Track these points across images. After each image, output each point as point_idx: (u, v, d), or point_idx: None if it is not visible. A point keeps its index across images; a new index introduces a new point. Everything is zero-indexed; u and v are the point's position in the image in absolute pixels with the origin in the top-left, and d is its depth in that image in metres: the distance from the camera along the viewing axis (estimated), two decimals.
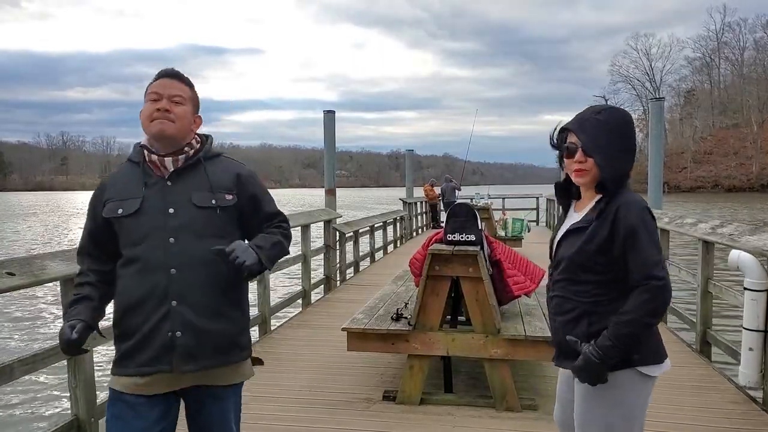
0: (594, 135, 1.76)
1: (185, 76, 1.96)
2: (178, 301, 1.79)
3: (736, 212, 35.27)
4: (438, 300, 3.70)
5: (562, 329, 1.86)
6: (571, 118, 1.87)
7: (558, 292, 1.89)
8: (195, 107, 1.96)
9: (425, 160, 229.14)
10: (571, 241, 1.84)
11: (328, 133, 8.99)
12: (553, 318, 1.92)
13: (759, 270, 3.84)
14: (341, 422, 3.49)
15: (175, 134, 1.85)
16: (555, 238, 1.96)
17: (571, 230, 1.86)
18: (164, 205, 1.82)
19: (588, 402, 1.83)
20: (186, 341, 1.80)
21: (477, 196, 16.00)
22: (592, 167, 1.78)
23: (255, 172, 2.04)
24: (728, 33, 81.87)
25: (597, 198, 1.82)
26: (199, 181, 1.87)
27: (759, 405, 3.70)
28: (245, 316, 1.99)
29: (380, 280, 7.61)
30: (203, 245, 1.80)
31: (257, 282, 5.74)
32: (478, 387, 3.95)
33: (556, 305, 1.89)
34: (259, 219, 1.99)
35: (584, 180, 1.82)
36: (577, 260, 1.80)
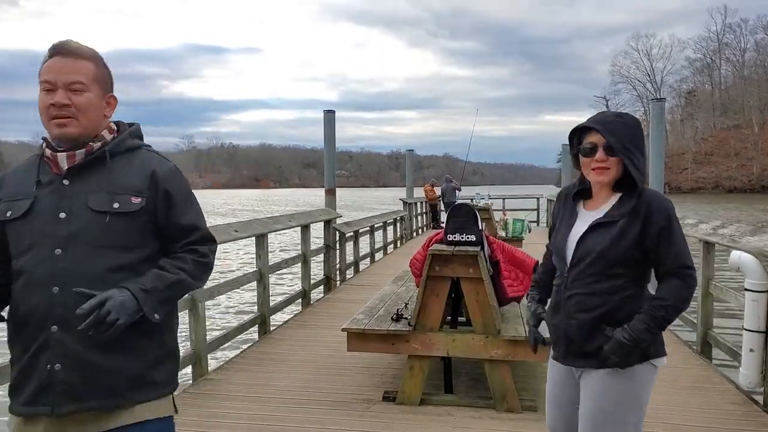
0: (621, 136, 1.82)
1: (85, 48, 1.57)
2: (59, 326, 1.46)
3: (742, 213, 35.26)
4: (438, 300, 3.69)
5: (584, 327, 1.84)
6: (591, 119, 1.90)
7: (580, 290, 1.86)
8: (104, 87, 1.59)
9: (425, 161, 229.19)
10: (599, 236, 1.84)
11: (328, 133, 8.98)
12: (572, 316, 1.87)
13: (760, 271, 3.83)
14: (341, 423, 3.48)
15: (80, 133, 1.54)
16: (568, 236, 1.92)
17: (596, 225, 1.86)
18: (56, 208, 1.51)
19: (606, 396, 1.85)
20: (66, 377, 1.47)
21: (477, 197, 15.98)
22: (614, 166, 1.84)
23: (179, 170, 1.67)
24: (729, 34, 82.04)
25: (616, 195, 1.89)
26: (100, 181, 1.55)
27: (759, 406, 3.69)
28: (163, 345, 1.60)
29: (380, 280, 7.61)
30: (98, 260, 1.49)
31: (257, 282, 5.73)
32: (478, 388, 3.94)
33: (578, 303, 1.86)
34: (171, 232, 1.60)
35: (605, 178, 1.85)
36: (610, 255, 1.81)
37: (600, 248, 1.83)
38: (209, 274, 1.66)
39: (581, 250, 1.87)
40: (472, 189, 22.61)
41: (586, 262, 1.85)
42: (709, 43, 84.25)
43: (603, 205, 1.90)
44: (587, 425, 1.89)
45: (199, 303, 4.41)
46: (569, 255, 1.90)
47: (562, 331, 1.91)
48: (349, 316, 4.11)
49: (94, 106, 1.55)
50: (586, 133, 1.89)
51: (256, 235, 5.65)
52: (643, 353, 1.82)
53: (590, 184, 1.95)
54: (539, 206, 20.96)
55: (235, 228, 5.22)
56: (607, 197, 1.91)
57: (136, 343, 1.53)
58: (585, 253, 1.86)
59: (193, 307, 4.38)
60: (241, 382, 4.20)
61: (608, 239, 1.82)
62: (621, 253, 1.81)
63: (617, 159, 1.83)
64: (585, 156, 1.87)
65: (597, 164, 1.84)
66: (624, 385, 1.83)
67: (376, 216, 12.48)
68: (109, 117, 1.63)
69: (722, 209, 39.40)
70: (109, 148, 1.56)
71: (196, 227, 1.63)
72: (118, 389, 1.51)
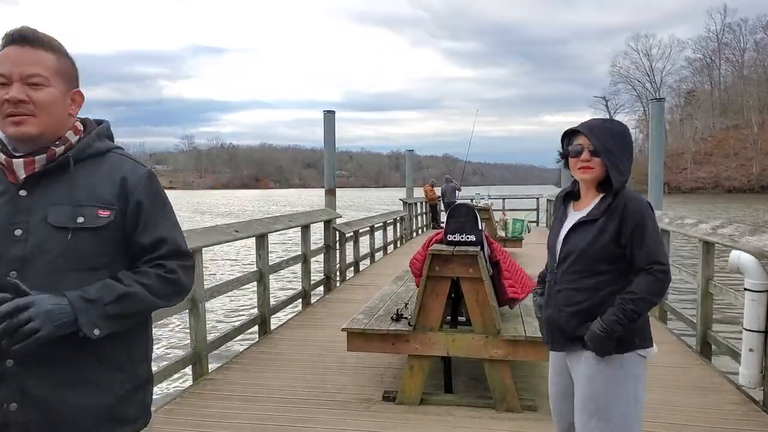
0: (603, 139, 1.99)
1: (44, 36, 1.36)
2: (15, 360, 1.27)
3: (741, 213, 35.25)
4: (438, 300, 3.70)
5: (571, 320, 2.02)
6: (581, 124, 2.07)
7: (567, 285, 2.03)
8: (68, 81, 1.39)
9: (425, 161, 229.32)
10: (581, 234, 2.01)
11: (328, 133, 8.99)
12: (561, 309, 2.04)
13: (759, 271, 3.83)
14: (341, 422, 3.48)
15: (41, 132, 1.34)
16: (559, 235, 2.10)
17: (578, 224, 2.03)
18: (10, 224, 1.31)
19: (595, 382, 2.00)
20: (23, 418, 1.28)
21: (477, 197, 15.99)
22: (597, 166, 2.00)
23: (154, 176, 1.46)
24: (729, 34, 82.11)
25: (600, 196, 2.05)
26: (63, 191, 1.34)
27: (759, 405, 3.70)
28: (135, 377, 1.43)
29: (380, 280, 7.61)
30: (61, 284, 1.28)
31: (257, 282, 5.74)
32: (478, 387, 3.95)
33: (566, 297, 2.03)
34: (138, 245, 1.40)
35: (588, 176, 2.02)
36: (590, 252, 1.98)
37: (582, 246, 1.99)
38: (181, 294, 1.43)
39: (566, 248, 2.04)
40: (472, 189, 22.63)
41: (571, 259, 2.02)
42: (709, 43, 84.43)
43: (588, 205, 2.07)
44: (579, 410, 2.04)
45: (199, 303, 4.41)
46: (558, 252, 2.08)
47: (554, 322, 2.09)
48: (349, 316, 4.12)
49: (57, 102, 1.35)
50: (575, 136, 2.07)
51: (256, 235, 5.66)
52: (628, 343, 1.97)
53: (579, 186, 2.13)
54: (539, 206, 20.96)
55: (235, 228, 5.23)
56: (593, 198, 2.07)
57: (103, 376, 1.35)
58: (569, 251, 2.03)
59: (193, 307, 4.39)
60: (242, 381, 4.20)
61: (589, 237, 1.99)
62: (600, 249, 1.97)
63: (601, 162, 1.99)
64: (573, 157, 2.05)
65: (582, 164, 2.02)
66: (611, 372, 1.97)
67: (376, 216, 12.48)
68: (75, 116, 1.42)
69: (722, 209, 39.40)
70: (73, 153, 1.36)
71: (164, 238, 1.41)
72: (83, 429, 1.34)
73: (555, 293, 2.07)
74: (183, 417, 3.59)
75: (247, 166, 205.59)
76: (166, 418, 3.56)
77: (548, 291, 2.13)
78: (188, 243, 4.29)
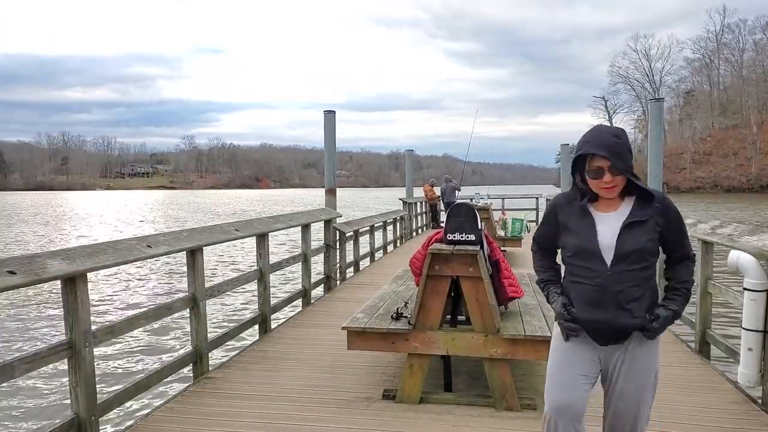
0: (623, 157, 2.11)
1: None
2: None
3: (741, 213, 35.23)
4: (438, 299, 3.71)
5: (638, 314, 2.14)
6: (592, 143, 2.14)
7: (629, 283, 2.14)
8: None
9: (425, 161, 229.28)
10: (637, 233, 2.13)
11: (328, 133, 8.99)
12: (625, 307, 2.14)
13: (758, 270, 3.84)
14: (341, 421, 3.49)
15: None
16: (599, 237, 2.17)
17: (631, 224, 2.14)
18: None
19: (656, 360, 2.25)
20: None
21: (477, 197, 16.00)
22: (620, 182, 2.14)
23: None
24: (728, 34, 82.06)
25: (632, 198, 2.19)
26: None
27: (758, 405, 3.70)
28: None
29: (380, 279, 7.62)
30: None
31: (257, 281, 5.75)
32: (477, 386, 3.96)
33: (628, 295, 2.14)
34: None
35: (614, 194, 2.16)
36: (648, 248, 2.13)
37: (640, 245, 2.12)
38: None
39: (624, 248, 2.13)
40: (471, 189, 22.63)
41: (631, 258, 2.12)
42: (708, 44, 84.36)
43: (619, 207, 2.19)
44: (635, 393, 2.22)
45: (200, 302, 4.42)
46: (608, 254, 2.14)
47: (610, 321, 2.16)
48: (349, 315, 4.12)
49: None
50: (589, 156, 2.15)
51: (256, 235, 5.67)
52: None
53: (583, 193, 2.23)
54: (538, 206, 20.97)
55: (236, 227, 5.24)
56: (622, 199, 2.20)
57: None
58: (631, 249, 2.12)
59: (194, 306, 4.40)
60: (242, 380, 4.21)
61: (645, 235, 2.13)
62: (652, 245, 2.15)
63: (622, 177, 2.12)
64: (593, 179, 2.14)
65: (605, 185, 2.13)
66: (656, 351, 2.25)
67: (376, 216, 12.49)
68: None
69: (726, 208, 39.37)
70: None
71: None
72: None
73: (613, 294, 2.13)
74: (183, 415, 3.59)
75: (247, 166, 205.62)
76: (167, 416, 3.57)
77: (594, 294, 2.16)
78: (188, 242, 4.30)
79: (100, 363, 6.78)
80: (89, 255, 3.25)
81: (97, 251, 3.37)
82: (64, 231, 29.74)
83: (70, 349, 3.07)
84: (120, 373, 7.03)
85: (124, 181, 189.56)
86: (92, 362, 3.20)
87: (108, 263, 3.38)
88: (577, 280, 2.21)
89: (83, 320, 3.11)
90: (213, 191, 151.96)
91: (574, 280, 2.22)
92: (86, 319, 3.15)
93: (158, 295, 11.88)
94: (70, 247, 3.28)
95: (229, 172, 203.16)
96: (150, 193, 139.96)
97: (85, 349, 3.13)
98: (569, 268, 2.26)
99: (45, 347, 3.01)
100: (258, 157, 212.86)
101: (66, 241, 23.90)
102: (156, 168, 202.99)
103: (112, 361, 7.46)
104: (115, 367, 7.30)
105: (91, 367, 3.19)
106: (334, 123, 9.10)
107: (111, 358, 7.57)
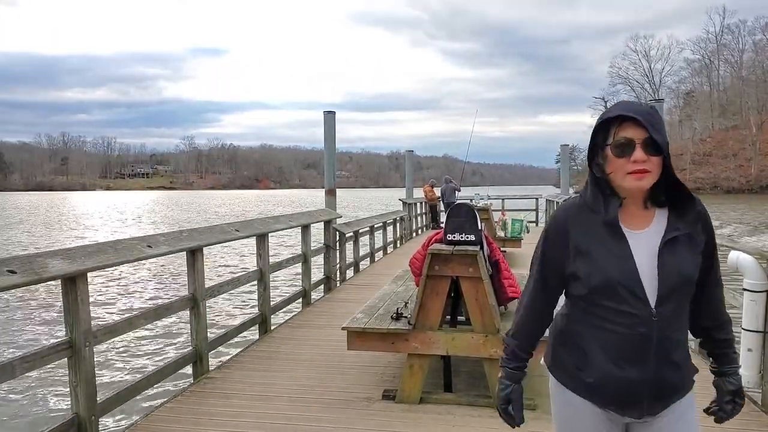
0: (661, 130, 1.44)
1: None
2: None
3: (740, 213, 35.26)
4: (438, 299, 3.71)
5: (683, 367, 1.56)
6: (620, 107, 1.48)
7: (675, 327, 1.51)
8: None
9: (425, 161, 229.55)
10: (682, 256, 1.49)
11: (328, 133, 9.01)
12: (671, 360, 1.51)
13: (758, 271, 3.85)
14: (341, 421, 3.49)
15: None
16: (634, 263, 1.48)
17: (673, 240, 1.49)
18: None
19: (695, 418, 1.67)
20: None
21: (477, 197, 16.03)
22: (656, 168, 1.44)
23: None
24: (727, 35, 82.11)
25: (663, 210, 1.53)
26: None
27: (758, 406, 3.71)
28: None
29: (380, 280, 7.62)
30: None
31: (257, 281, 5.75)
32: (477, 386, 3.96)
33: (677, 342, 1.52)
34: None
35: (646, 183, 1.45)
36: (693, 275, 1.50)
37: (689, 270, 1.49)
38: None
39: (669, 279, 1.47)
40: (471, 189, 22.66)
41: (679, 291, 1.49)
42: (708, 44, 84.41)
43: (653, 221, 1.52)
44: None
45: (200, 302, 4.42)
46: (650, 288, 1.47)
47: (651, 384, 1.51)
48: (349, 316, 4.13)
49: None
50: (615, 124, 1.46)
51: (256, 235, 5.67)
52: None
53: (606, 198, 1.51)
54: (538, 206, 20.99)
55: (236, 227, 5.24)
56: (648, 212, 1.52)
57: None
58: (675, 281, 1.47)
59: (194, 306, 4.40)
60: (242, 380, 4.22)
61: (691, 256, 1.50)
62: (697, 269, 1.51)
63: (659, 159, 1.44)
64: (618, 156, 1.44)
65: (635, 166, 1.42)
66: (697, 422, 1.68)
67: (376, 216, 12.50)
68: None
69: (731, 209, 39.39)
70: None
71: None
72: None
73: (658, 342, 1.48)
74: (183, 415, 3.60)
75: (247, 166, 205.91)
76: (167, 416, 3.57)
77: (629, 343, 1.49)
78: (189, 242, 4.31)
79: (100, 363, 6.78)
80: (89, 255, 3.25)
81: (97, 251, 3.37)
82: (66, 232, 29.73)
83: (70, 348, 3.08)
84: (120, 373, 7.03)
85: (124, 182, 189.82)
86: (92, 362, 3.21)
87: (108, 263, 3.38)
88: (602, 325, 1.51)
89: (83, 320, 3.12)
90: (213, 192, 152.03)
91: (597, 325, 1.53)
92: (86, 318, 3.15)
93: (158, 297, 11.88)
94: (71, 247, 3.29)
95: (229, 172, 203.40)
96: (149, 193, 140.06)
97: (85, 348, 3.13)
98: (586, 308, 1.54)
99: (45, 347, 3.02)
100: (258, 157, 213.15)
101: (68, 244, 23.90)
102: (156, 169, 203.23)
103: (112, 361, 7.46)
104: (115, 367, 7.30)
105: (91, 367, 3.20)
106: (334, 123, 9.12)
107: (111, 358, 7.57)
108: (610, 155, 1.46)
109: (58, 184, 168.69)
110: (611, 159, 1.46)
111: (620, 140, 1.44)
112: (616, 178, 1.47)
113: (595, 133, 1.50)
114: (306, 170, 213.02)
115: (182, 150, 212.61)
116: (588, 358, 1.54)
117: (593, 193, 1.52)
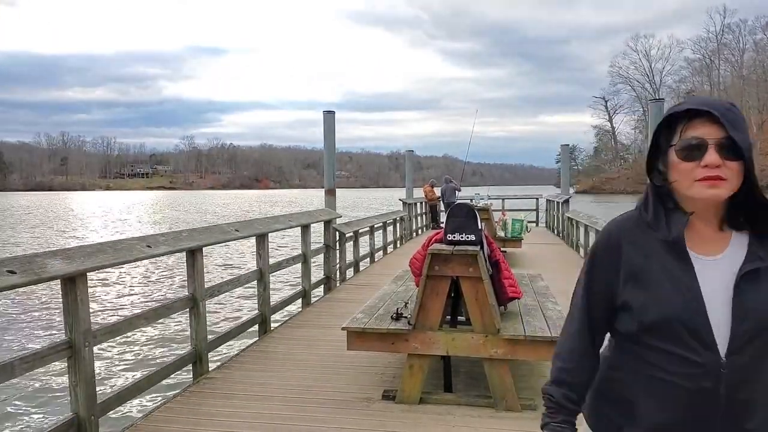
0: (744, 130, 1.17)
1: None
2: None
3: None
4: (438, 300, 3.71)
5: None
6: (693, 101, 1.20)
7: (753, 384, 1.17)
8: None
9: (425, 161, 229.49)
10: (766, 293, 1.16)
11: (328, 133, 9.00)
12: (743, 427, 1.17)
13: None
14: (341, 421, 3.49)
15: None
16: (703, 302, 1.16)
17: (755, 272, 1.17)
18: None
19: None
20: None
21: (477, 197, 16.02)
22: (734, 176, 1.15)
23: None
24: (728, 34, 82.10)
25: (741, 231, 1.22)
26: None
27: None
28: None
29: (380, 280, 7.62)
30: None
31: (257, 281, 5.75)
32: (477, 387, 3.96)
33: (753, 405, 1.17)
34: None
35: (720, 192, 1.15)
36: None
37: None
38: None
39: (747, 321, 1.15)
40: (471, 189, 22.67)
41: (759, 337, 1.16)
42: (708, 44, 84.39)
43: (730, 244, 1.21)
44: None
45: (199, 302, 4.42)
46: (721, 331, 1.16)
47: None
48: (349, 316, 4.12)
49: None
50: (683, 121, 1.19)
51: (256, 235, 5.67)
52: None
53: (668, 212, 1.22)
54: (538, 206, 20.99)
55: (236, 227, 5.24)
56: (723, 233, 1.22)
57: None
58: (754, 325, 1.15)
59: (193, 306, 4.40)
60: (242, 380, 4.21)
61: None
62: None
63: (739, 165, 1.15)
64: (686, 159, 1.16)
65: (707, 172, 1.14)
66: None
67: (376, 216, 12.49)
68: None
69: None
70: None
71: None
72: None
73: (730, 402, 1.15)
74: (183, 416, 3.60)
75: (247, 166, 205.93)
76: (166, 416, 3.57)
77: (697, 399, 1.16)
78: (188, 242, 4.31)
79: (100, 363, 6.78)
80: (89, 255, 3.25)
81: (97, 251, 3.37)
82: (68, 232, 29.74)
83: (69, 348, 3.07)
84: (120, 373, 7.03)
85: (124, 182, 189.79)
86: (92, 362, 3.21)
87: (108, 263, 3.38)
88: (654, 374, 1.21)
89: (83, 320, 3.12)
90: (212, 192, 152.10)
91: (647, 374, 1.22)
92: (86, 318, 3.15)
93: (158, 297, 11.88)
94: (70, 247, 3.29)
95: (229, 172, 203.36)
96: (149, 193, 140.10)
97: (85, 348, 3.13)
98: (634, 351, 1.25)
99: (45, 347, 3.02)
100: (258, 157, 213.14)
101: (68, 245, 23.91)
102: (155, 168, 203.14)
103: (112, 361, 7.46)
104: (115, 367, 7.31)
105: (91, 367, 3.20)
106: (334, 123, 9.11)
107: (111, 358, 7.57)
108: (674, 159, 1.18)
109: (57, 184, 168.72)
110: (676, 163, 1.18)
111: (688, 140, 1.16)
112: (682, 187, 1.18)
113: (657, 133, 1.22)
114: (306, 170, 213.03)
115: (182, 150, 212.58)
116: (635, 415, 1.23)
117: (654, 206, 1.23)
